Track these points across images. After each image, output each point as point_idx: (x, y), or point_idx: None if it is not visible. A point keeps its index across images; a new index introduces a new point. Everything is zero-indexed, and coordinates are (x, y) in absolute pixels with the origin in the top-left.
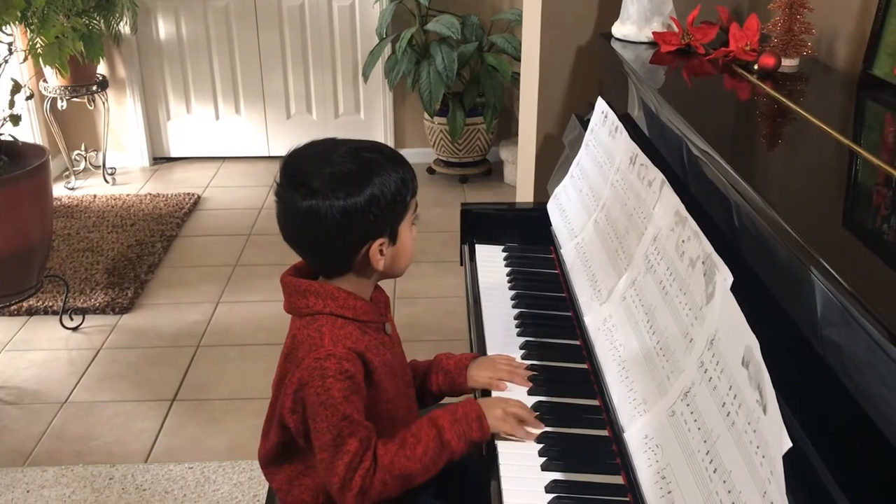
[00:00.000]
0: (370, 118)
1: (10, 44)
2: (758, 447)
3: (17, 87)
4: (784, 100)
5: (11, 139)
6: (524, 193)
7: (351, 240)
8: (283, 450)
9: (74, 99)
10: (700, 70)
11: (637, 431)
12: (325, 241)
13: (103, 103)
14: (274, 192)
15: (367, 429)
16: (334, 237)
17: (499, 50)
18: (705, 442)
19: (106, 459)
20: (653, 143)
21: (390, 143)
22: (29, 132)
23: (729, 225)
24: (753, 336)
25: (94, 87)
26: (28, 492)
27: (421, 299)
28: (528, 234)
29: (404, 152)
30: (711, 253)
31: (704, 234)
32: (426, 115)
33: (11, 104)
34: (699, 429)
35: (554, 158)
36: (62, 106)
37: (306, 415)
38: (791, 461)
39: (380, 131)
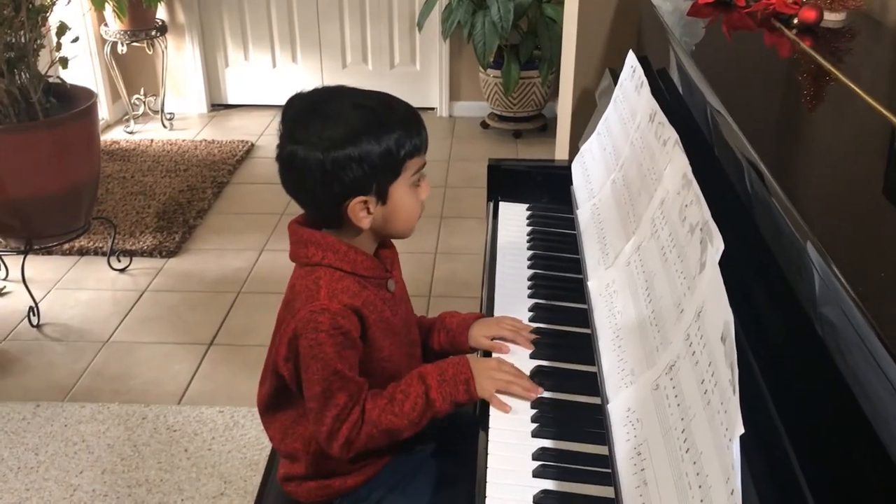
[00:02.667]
0: (425, 70)
1: None
2: (727, 429)
3: (62, 29)
4: (819, 58)
5: (60, 81)
6: (562, 150)
7: (329, 194)
8: (278, 396)
9: (134, 43)
10: (736, 24)
11: (621, 403)
12: (305, 190)
13: (163, 49)
14: None
15: (358, 384)
16: (313, 188)
17: (559, 1)
18: (682, 419)
19: (141, 399)
20: (685, 100)
21: (445, 96)
22: (90, 76)
23: (744, 192)
24: (730, 311)
25: (154, 32)
26: (66, 426)
27: (462, 255)
28: (555, 192)
29: (458, 105)
30: (708, 219)
31: (720, 200)
32: (481, 68)
33: (59, 46)
34: (678, 405)
35: (590, 114)
36: (122, 50)
37: (299, 364)
38: (763, 445)
39: (434, 83)
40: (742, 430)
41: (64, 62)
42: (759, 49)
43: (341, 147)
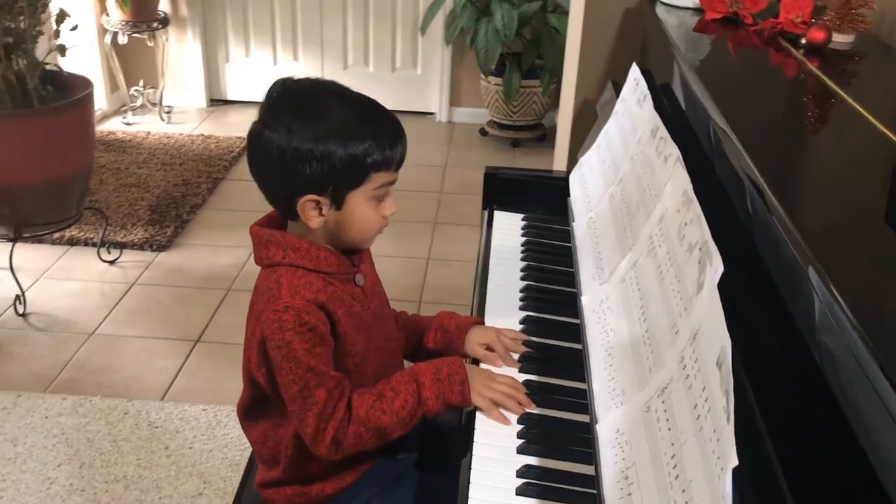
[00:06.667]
0: (427, 74)
1: None
2: (719, 458)
3: (62, 16)
4: (826, 79)
5: (57, 69)
6: (560, 161)
7: (284, 183)
8: (257, 402)
9: (135, 34)
10: (742, 42)
11: (610, 424)
12: (263, 173)
13: (164, 41)
14: None
15: (336, 379)
16: (270, 173)
17: (563, 11)
18: (672, 445)
19: (124, 394)
20: (688, 116)
21: (445, 101)
22: (90, 65)
23: (744, 212)
24: (728, 336)
25: (155, 24)
26: (46, 418)
27: (455, 262)
28: (552, 203)
29: (458, 111)
30: (708, 240)
31: (720, 219)
32: (482, 75)
33: (57, 34)
34: (669, 430)
35: (590, 126)
36: (123, 41)
37: (272, 368)
38: (756, 476)
39: (435, 88)
40: (735, 463)
41: (62, 50)
42: (765, 68)
43: (306, 141)
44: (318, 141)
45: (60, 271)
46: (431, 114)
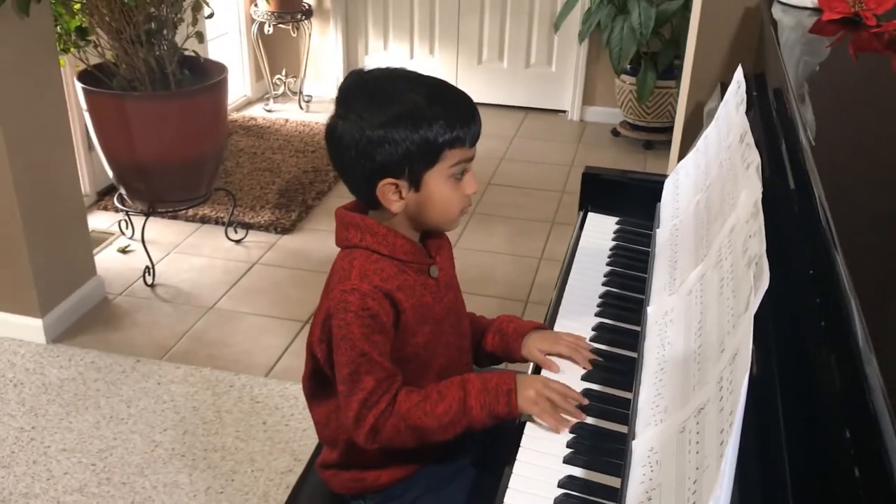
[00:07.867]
0: (561, 71)
1: None
2: None
3: (198, 5)
4: None
5: (194, 55)
6: (673, 166)
7: (361, 170)
8: (317, 381)
9: (280, 25)
10: (858, 45)
11: (645, 441)
12: (341, 164)
13: (307, 32)
14: None
15: (388, 371)
16: (347, 163)
17: None
18: (697, 469)
19: (232, 367)
20: (793, 124)
21: (578, 99)
22: (237, 53)
23: (821, 234)
24: (749, 362)
25: (300, 16)
26: (159, 384)
27: None
28: (649, 208)
29: (590, 110)
30: (762, 254)
31: (800, 239)
32: (616, 73)
33: (195, 21)
34: (697, 453)
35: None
36: (269, 31)
37: (332, 346)
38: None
39: (569, 86)
40: (719, 494)
41: (199, 36)
42: (876, 76)
43: (377, 128)
44: (388, 126)
45: (190, 247)
46: (563, 112)
